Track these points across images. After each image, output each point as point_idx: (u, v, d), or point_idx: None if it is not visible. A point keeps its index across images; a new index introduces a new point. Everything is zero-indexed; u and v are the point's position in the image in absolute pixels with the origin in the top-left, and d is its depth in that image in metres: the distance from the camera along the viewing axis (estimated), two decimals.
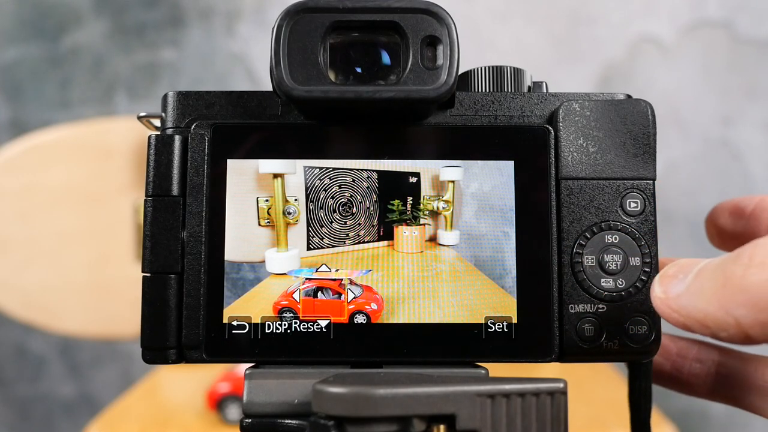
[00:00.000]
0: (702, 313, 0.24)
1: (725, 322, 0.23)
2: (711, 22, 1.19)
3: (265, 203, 0.31)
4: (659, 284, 0.26)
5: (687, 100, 1.19)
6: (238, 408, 0.77)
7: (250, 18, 1.23)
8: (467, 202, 0.31)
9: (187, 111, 0.32)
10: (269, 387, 0.29)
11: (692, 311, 0.24)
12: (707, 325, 0.24)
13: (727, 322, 0.23)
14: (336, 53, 0.30)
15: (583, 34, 1.20)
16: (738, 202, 0.35)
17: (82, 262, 0.81)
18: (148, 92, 1.23)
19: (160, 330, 0.30)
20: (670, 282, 0.26)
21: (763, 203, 0.34)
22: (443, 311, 0.30)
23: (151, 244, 0.30)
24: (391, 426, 0.26)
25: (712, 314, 0.23)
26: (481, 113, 0.32)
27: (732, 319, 0.23)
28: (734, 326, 0.23)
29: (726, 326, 0.23)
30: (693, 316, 0.24)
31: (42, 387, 1.26)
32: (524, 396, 0.27)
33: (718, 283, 0.23)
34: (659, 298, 0.26)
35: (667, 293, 0.25)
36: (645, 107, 0.31)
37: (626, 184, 0.31)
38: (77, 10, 1.24)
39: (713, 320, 0.23)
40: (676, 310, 0.25)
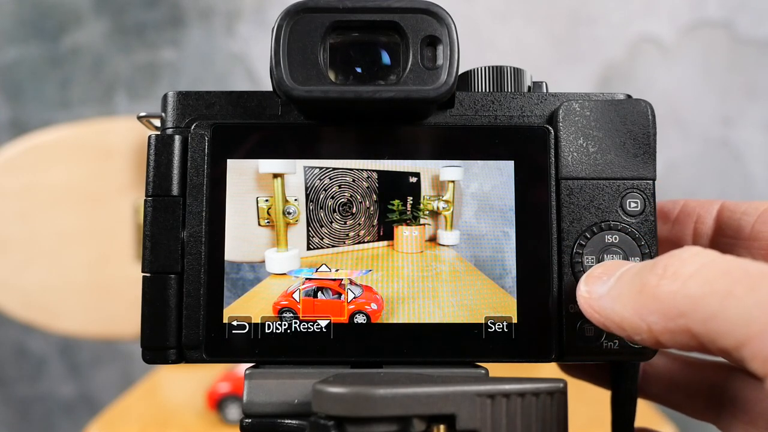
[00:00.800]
0: (619, 317, 0.25)
1: (639, 327, 0.24)
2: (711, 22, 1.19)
3: (265, 203, 0.31)
4: (584, 283, 0.27)
5: (687, 100, 1.19)
6: (238, 408, 0.77)
7: (250, 18, 1.23)
8: (467, 202, 0.31)
9: (187, 111, 0.32)
10: (269, 387, 0.29)
11: (610, 314, 0.25)
12: (623, 328, 0.25)
13: (640, 327, 0.24)
14: (336, 53, 0.30)
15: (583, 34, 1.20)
16: (662, 206, 0.35)
17: (82, 262, 0.81)
18: (148, 92, 1.23)
19: (160, 330, 0.30)
20: (595, 283, 0.27)
21: (687, 208, 0.34)
22: (443, 311, 0.30)
23: (151, 244, 0.30)
24: (391, 426, 0.26)
25: (627, 319, 0.24)
26: (481, 113, 0.32)
27: (645, 325, 0.24)
28: (647, 332, 0.24)
29: (639, 331, 0.24)
30: (611, 319, 0.25)
31: (42, 387, 1.26)
32: (524, 396, 0.27)
33: (635, 289, 0.24)
34: (583, 297, 0.27)
35: (591, 293, 0.27)
36: (645, 107, 0.31)
37: (626, 184, 0.31)
38: (77, 10, 1.24)
39: (629, 324, 0.24)
40: (597, 311, 0.26)
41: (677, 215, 0.35)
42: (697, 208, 0.34)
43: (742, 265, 0.22)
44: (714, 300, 0.21)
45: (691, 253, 0.24)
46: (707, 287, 0.22)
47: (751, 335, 0.20)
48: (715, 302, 0.21)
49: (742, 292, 0.21)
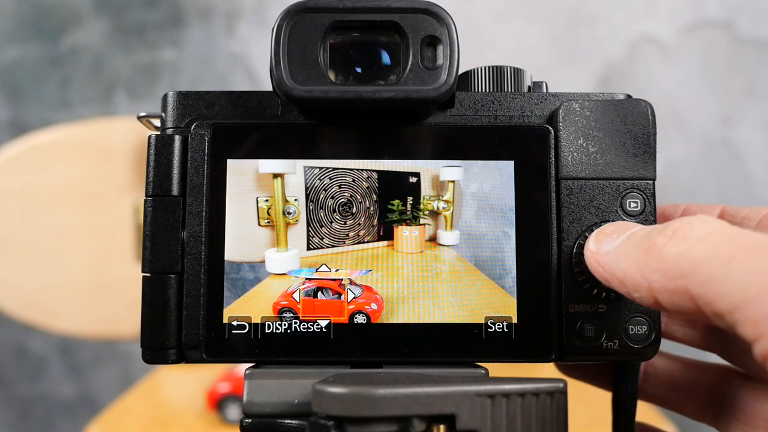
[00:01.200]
0: (622, 273, 0.25)
1: (640, 285, 0.25)
2: (711, 22, 1.19)
3: (265, 203, 0.31)
4: (594, 239, 0.28)
5: (687, 100, 1.18)
6: (238, 408, 0.77)
7: (250, 18, 1.23)
8: (467, 202, 0.31)
9: (187, 111, 0.32)
10: (269, 387, 0.29)
11: (614, 269, 0.26)
12: (624, 284, 0.25)
13: (641, 284, 0.24)
14: (336, 53, 0.30)
15: (583, 34, 1.20)
16: (663, 209, 0.35)
17: (82, 262, 0.81)
18: (148, 92, 1.23)
19: (160, 330, 0.30)
20: (604, 239, 0.27)
21: (688, 212, 0.34)
22: (443, 311, 0.30)
23: (151, 244, 0.30)
24: (391, 426, 0.26)
25: (630, 275, 0.25)
26: (481, 113, 0.32)
27: (646, 283, 0.24)
28: (646, 289, 0.24)
29: (640, 288, 0.25)
30: (614, 274, 0.26)
31: (42, 387, 1.26)
32: (524, 396, 0.27)
33: (642, 248, 0.25)
34: (590, 251, 0.28)
35: (599, 249, 0.27)
36: (645, 107, 0.31)
37: (626, 184, 0.31)
38: (77, 10, 1.24)
39: (630, 280, 0.25)
40: (602, 265, 0.27)
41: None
42: (699, 212, 0.34)
43: (749, 234, 0.23)
44: (717, 263, 0.22)
45: (702, 220, 0.24)
46: (712, 251, 0.22)
47: (746, 298, 0.21)
48: (718, 265, 0.22)
49: (745, 257, 0.22)
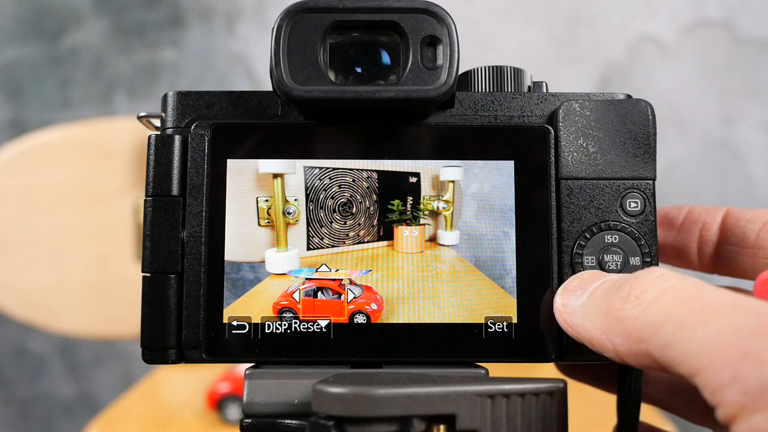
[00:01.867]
0: (589, 334, 0.26)
1: (605, 347, 0.25)
2: (711, 22, 1.19)
3: (265, 203, 0.31)
4: (560, 296, 0.28)
5: (687, 100, 1.18)
6: (238, 408, 0.77)
7: (250, 18, 1.23)
8: (467, 202, 0.31)
9: (187, 111, 0.32)
10: (269, 387, 0.29)
11: (581, 330, 0.26)
12: (593, 345, 0.26)
13: (607, 347, 0.25)
14: (336, 53, 0.30)
15: (583, 34, 1.20)
16: (666, 212, 0.35)
17: (82, 262, 0.81)
18: (148, 92, 1.23)
19: (160, 330, 0.30)
20: (569, 296, 0.28)
21: (692, 214, 0.34)
22: (443, 311, 0.30)
23: (151, 244, 0.30)
24: (391, 426, 0.26)
25: (596, 337, 0.25)
26: (481, 113, 0.32)
27: (611, 345, 0.24)
28: (612, 351, 0.24)
29: (606, 350, 0.25)
30: (582, 335, 0.26)
31: (42, 387, 1.26)
32: (524, 396, 0.27)
33: (603, 310, 0.25)
34: (558, 310, 0.28)
35: (566, 307, 0.28)
36: (645, 107, 0.31)
37: (626, 184, 0.31)
38: (77, 10, 1.24)
39: (597, 342, 0.25)
40: (570, 325, 0.27)
41: (682, 222, 0.35)
42: (703, 214, 0.34)
43: (701, 294, 0.23)
44: (669, 329, 0.22)
45: (654, 277, 0.24)
46: (665, 315, 0.23)
47: (700, 367, 0.21)
48: (670, 331, 0.22)
49: (695, 324, 0.22)
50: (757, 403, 0.20)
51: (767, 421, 0.20)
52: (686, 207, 0.35)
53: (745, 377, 0.20)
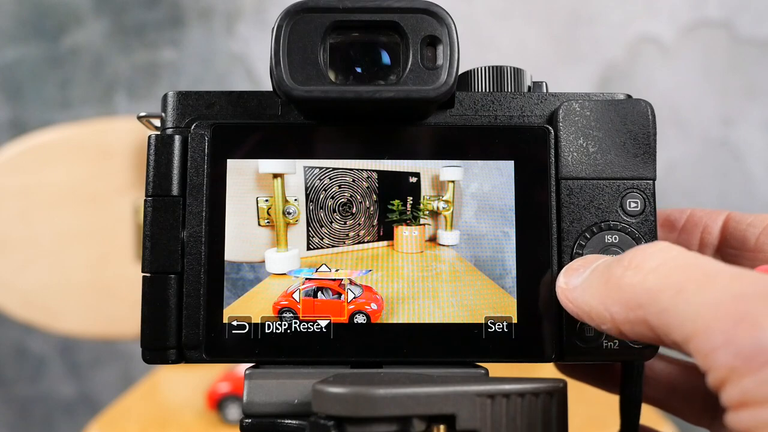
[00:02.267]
0: (588, 306, 0.26)
1: (603, 317, 0.25)
2: (711, 22, 1.19)
3: (265, 203, 0.31)
4: (563, 275, 0.29)
5: (687, 100, 1.18)
6: (238, 408, 0.77)
7: (250, 18, 1.23)
8: (467, 202, 0.31)
9: (187, 111, 0.32)
10: (269, 387, 0.29)
11: (581, 304, 0.26)
12: (592, 318, 0.26)
13: (604, 316, 0.25)
14: (336, 53, 0.30)
15: (583, 34, 1.20)
16: (669, 214, 0.35)
17: (82, 262, 0.81)
18: (148, 92, 1.23)
19: (160, 330, 0.30)
20: (572, 275, 0.28)
21: (694, 217, 0.35)
22: (443, 311, 0.30)
23: (151, 244, 0.30)
24: (391, 426, 0.26)
25: (594, 308, 0.25)
26: (481, 113, 0.32)
27: (608, 315, 0.25)
28: (610, 321, 0.25)
29: (604, 320, 0.25)
30: (582, 308, 0.26)
31: (42, 387, 1.26)
32: (524, 396, 0.27)
33: (603, 280, 0.25)
34: (560, 288, 0.28)
35: (567, 284, 0.28)
36: (645, 107, 0.31)
37: (626, 184, 0.31)
38: (77, 10, 1.24)
39: (596, 313, 0.25)
40: (571, 301, 0.27)
41: (684, 224, 0.35)
42: (704, 217, 0.34)
43: (700, 262, 0.23)
44: (668, 294, 0.22)
45: (657, 248, 0.24)
46: (664, 281, 0.23)
47: (695, 331, 0.21)
48: (669, 297, 0.22)
49: (693, 289, 0.22)
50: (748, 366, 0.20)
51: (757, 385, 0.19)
52: (688, 210, 0.35)
53: (739, 339, 0.20)
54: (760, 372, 0.19)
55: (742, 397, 0.20)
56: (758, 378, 0.19)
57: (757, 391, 0.20)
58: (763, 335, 0.20)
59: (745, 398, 0.20)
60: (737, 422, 0.20)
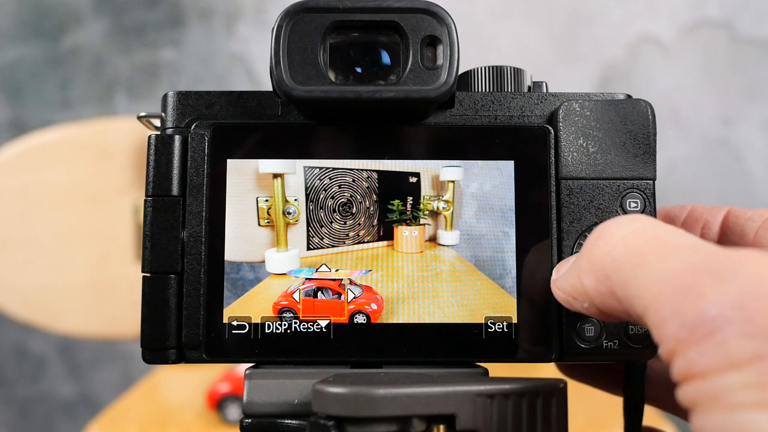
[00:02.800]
0: (570, 286, 0.26)
1: (581, 291, 0.25)
2: (711, 22, 1.19)
3: (265, 203, 0.31)
4: (555, 269, 0.29)
5: (687, 100, 1.19)
6: (238, 408, 0.77)
7: (250, 18, 1.23)
8: (467, 202, 0.31)
9: (187, 111, 0.32)
10: (269, 387, 0.29)
11: (566, 286, 0.26)
12: (574, 298, 0.26)
13: (581, 291, 0.25)
14: (336, 53, 0.30)
15: (583, 34, 1.20)
16: (669, 211, 0.35)
17: (82, 262, 0.81)
18: (148, 92, 1.23)
19: (160, 330, 0.30)
20: (562, 266, 0.28)
21: (694, 213, 0.35)
22: (443, 311, 0.30)
23: (151, 244, 0.30)
24: (391, 426, 0.26)
25: (573, 284, 0.25)
26: (481, 113, 0.32)
27: (583, 288, 0.25)
28: (585, 295, 0.25)
29: (582, 295, 0.25)
30: (566, 291, 0.26)
31: (42, 387, 1.26)
32: (524, 396, 0.27)
33: (580, 256, 0.25)
34: (552, 280, 0.29)
35: (557, 273, 0.28)
36: (645, 107, 0.31)
37: (626, 184, 0.31)
38: (77, 10, 1.24)
39: (574, 290, 0.25)
40: (559, 288, 0.27)
41: (684, 220, 0.35)
42: (705, 213, 0.34)
43: (665, 234, 0.23)
44: (630, 265, 0.22)
45: (627, 220, 0.24)
46: (629, 252, 0.23)
47: (651, 301, 0.21)
48: (631, 267, 0.22)
49: (654, 260, 0.22)
50: (692, 337, 0.20)
51: (701, 356, 0.19)
52: (689, 206, 0.35)
53: (685, 310, 0.20)
54: (703, 343, 0.19)
55: (687, 369, 0.20)
56: (701, 349, 0.19)
57: (700, 362, 0.19)
58: (706, 305, 0.20)
59: (690, 370, 0.20)
60: (683, 396, 0.20)
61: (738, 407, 0.19)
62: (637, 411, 0.34)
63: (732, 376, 0.19)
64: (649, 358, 0.31)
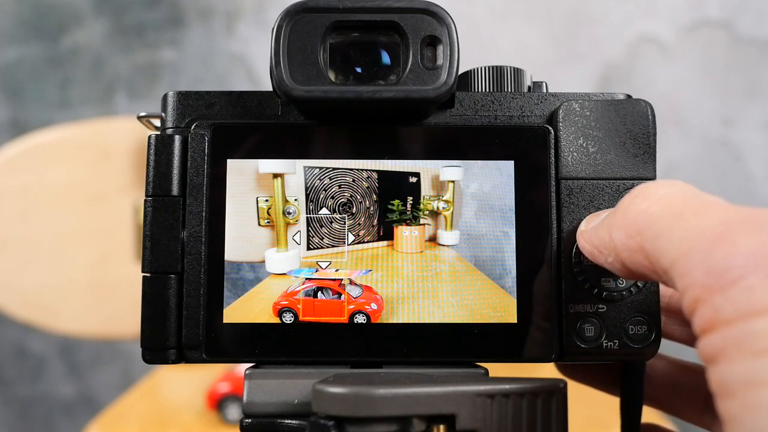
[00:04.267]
0: (598, 239, 0.26)
1: (609, 245, 0.25)
2: (711, 22, 1.19)
3: (265, 203, 0.31)
4: (585, 220, 0.29)
5: (687, 100, 1.18)
6: (238, 408, 0.77)
7: (250, 18, 1.23)
8: (467, 202, 0.31)
9: (187, 111, 0.32)
10: (269, 387, 0.29)
11: (593, 238, 0.26)
12: (600, 251, 0.26)
13: (609, 245, 0.25)
14: (336, 53, 0.30)
15: (583, 34, 1.20)
16: None
17: (82, 262, 0.81)
18: (148, 92, 1.23)
19: (160, 330, 0.30)
20: (593, 219, 0.28)
21: None
22: (443, 311, 0.30)
23: (151, 244, 0.30)
24: (391, 426, 0.26)
25: (601, 238, 0.26)
26: (481, 113, 0.32)
27: (612, 243, 0.25)
28: (613, 249, 0.25)
29: (609, 249, 0.25)
30: (593, 243, 0.26)
31: (42, 387, 1.26)
32: (524, 396, 0.27)
33: (613, 211, 0.26)
34: (579, 231, 0.29)
35: (587, 225, 0.28)
36: (645, 107, 0.31)
37: (626, 184, 0.31)
38: (77, 10, 1.24)
39: (602, 243, 0.26)
40: (586, 239, 0.27)
41: None
42: None
43: (704, 195, 0.23)
44: (666, 220, 0.23)
45: (668, 182, 0.25)
46: (666, 209, 0.23)
47: (681, 253, 0.21)
48: (666, 222, 0.22)
49: (690, 215, 0.22)
50: (718, 283, 0.19)
51: (726, 302, 0.19)
52: None
53: (713, 257, 0.20)
54: (729, 289, 0.19)
55: (711, 317, 0.19)
56: (727, 295, 0.19)
57: (725, 309, 0.19)
58: (735, 251, 0.19)
59: (715, 318, 0.19)
60: (705, 346, 0.20)
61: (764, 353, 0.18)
62: (636, 411, 0.34)
63: (758, 321, 0.18)
64: (648, 358, 0.31)
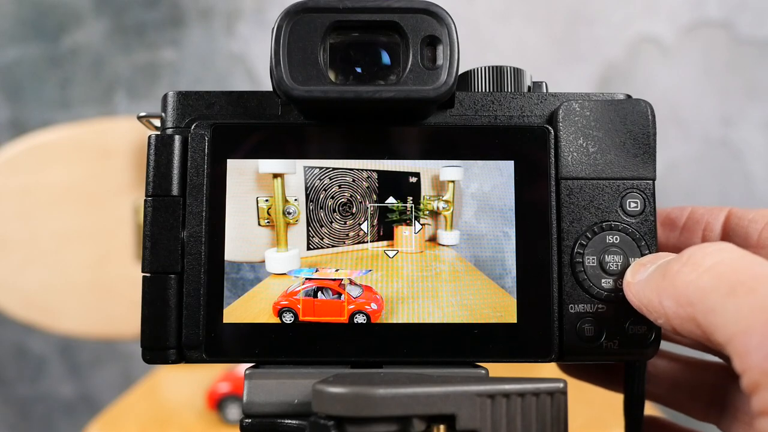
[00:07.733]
0: (647, 299, 0.26)
1: (658, 311, 0.26)
2: (711, 22, 1.19)
3: (265, 203, 0.31)
4: (631, 270, 0.29)
5: (687, 100, 1.18)
6: (238, 408, 0.77)
7: (250, 18, 1.23)
8: (467, 202, 0.31)
9: (187, 111, 0.32)
10: (269, 387, 0.29)
11: (642, 297, 0.27)
12: (649, 311, 0.26)
13: (659, 310, 0.25)
14: (336, 53, 0.30)
15: (583, 34, 1.20)
16: (669, 213, 0.35)
17: (82, 262, 0.81)
18: (148, 92, 1.23)
19: (160, 330, 0.30)
20: (639, 270, 0.29)
21: (695, 215, 0.35)
22: (443, 311, 0.30)
23: (151, 244, 0.30)
24: (391, 426, 0.26)
25: (651, 302, 0.26)
26: (481, 113, 0.32)
27: (662, 309, 0.25)
28: (663, 315, 0.25)
29: (658, 314, 0.26)
30: (642, 302, 0.27)
31: (42, 387, 1.26)
32: (524, 396, 0.27)
33: (661, 275, 0.26)
34: (626, 282, 0.29)
35: (633, 278, 0.28)
36: (645, 107, 0.31)
37: (626, 184, 0.31)
38: (77, 10, 1.24)
39: (652, 307, 0.26)
40: (633, 294, 0.28)
41: (685, 222, 0.35)
42: (705, 215, 0.34)
43: (756, 266, 0.23)
44: (717, 295, 0.23)
45: (716, 248, 0.25)
46: (716, 282, 0.23)
47: (737, 332, 0.21)
48: (718, 297, 0.23)
49: (743, 292, 0.22)
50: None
51: None
52: (689, 208, 0.35)
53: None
54: None
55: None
56: None
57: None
58: None
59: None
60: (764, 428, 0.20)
61: None
62: (638, 409, 0.34)
63: None
64: (649, 357, 0.31)
